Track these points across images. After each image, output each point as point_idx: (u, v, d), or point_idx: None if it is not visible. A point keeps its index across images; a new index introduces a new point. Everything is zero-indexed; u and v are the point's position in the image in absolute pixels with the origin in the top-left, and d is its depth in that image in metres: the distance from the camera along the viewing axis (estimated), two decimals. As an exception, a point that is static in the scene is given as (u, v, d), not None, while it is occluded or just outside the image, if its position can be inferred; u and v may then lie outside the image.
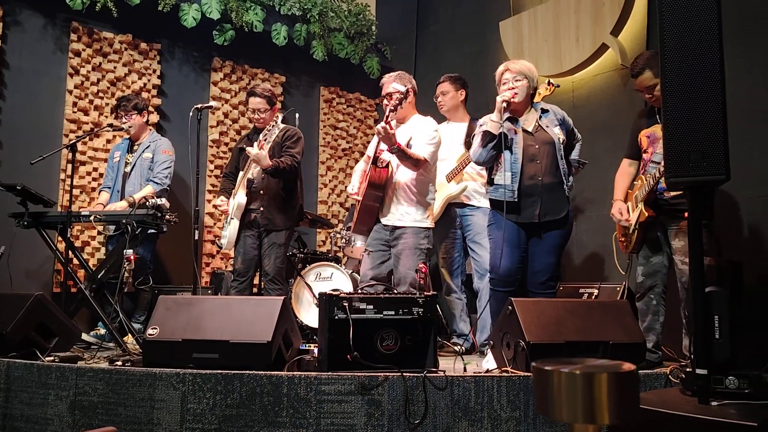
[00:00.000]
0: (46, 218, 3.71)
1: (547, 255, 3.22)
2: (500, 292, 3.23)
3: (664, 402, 2.00)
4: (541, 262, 3.22)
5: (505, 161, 3.22)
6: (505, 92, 3.23)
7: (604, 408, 0.88)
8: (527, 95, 3.29)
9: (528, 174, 3.19)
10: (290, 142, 4.00)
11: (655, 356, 3.14)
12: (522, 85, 3.26)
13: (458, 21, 5.85)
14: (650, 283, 3.23)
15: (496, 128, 3.19)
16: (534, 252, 3.25)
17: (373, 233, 3.71)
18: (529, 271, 3.27)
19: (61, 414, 2.64)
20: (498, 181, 3.25)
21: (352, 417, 2.48)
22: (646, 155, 3.27)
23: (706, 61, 2.03)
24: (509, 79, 3.29)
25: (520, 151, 3.21)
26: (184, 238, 4.29)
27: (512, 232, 3.21)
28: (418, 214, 3.60)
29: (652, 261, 3.24)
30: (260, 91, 4.05)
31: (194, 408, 2.51)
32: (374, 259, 3.66)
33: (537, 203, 3.17)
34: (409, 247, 3.54)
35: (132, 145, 4.55)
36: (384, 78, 3.81)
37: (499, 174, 3.26)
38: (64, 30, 4.81)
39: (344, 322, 2.61)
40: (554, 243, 3.23)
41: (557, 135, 3.23)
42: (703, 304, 2.10)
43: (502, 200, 3.18)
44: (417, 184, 3.61)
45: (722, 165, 2.01)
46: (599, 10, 4.53)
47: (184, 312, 2.80)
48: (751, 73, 3.63)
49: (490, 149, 3.23)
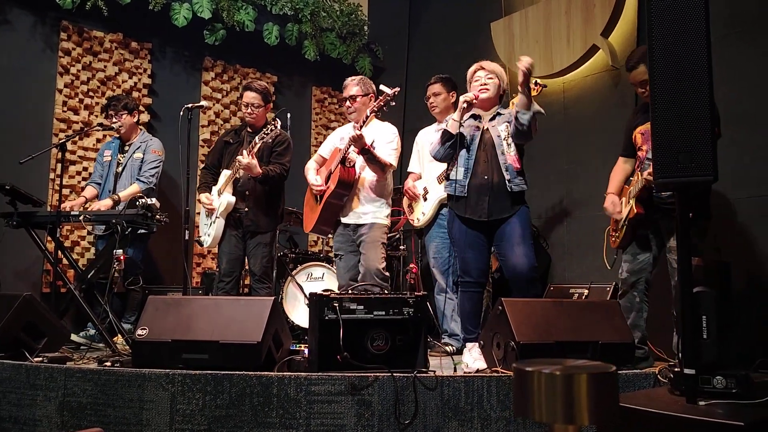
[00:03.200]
0: (35, 218, 3.68)
1: (517, 246, 3.12)
2: (474, 292, 3.23)
3: (652, 402, 2.01)
4: (515, 254, 3.11)
5: (460, 157, 3.26)
6: (468, 93, 3.26)
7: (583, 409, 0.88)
8: (497, 95, 3.33)
9: (477, 172, 3.20)
10: (281, 148, 4.01)
11: (641, 352, 3.16)
12: (493, 82, 3.30)
13: (450, 22, 5.86)
14: (634, 280, 3.25)
15: (454, 128, 3.22)
16: (501, 249, 3.18)
17: (338, 237, 3.84)
18: (506, 270, 3.18)
19: (50, 415, 2.62)
20: (452, 176, 3.28)
21: (342, 417, 2.48)
22: (641, 152, 3.28)
23: (694, 63, 2.05)
24: (481, 76, 3.32)
25: (475, 149, 3.24)
26: (175, 238, 4.28)
27: (472, 234, 3.20)
28: (378, 212, 3.76)
29: (638, 258, 3.26)
30: (256, 86, 4.06)
31: (183, 409, 2.50)
32: (347, 261, 3.80)
33: (485, 201, 3.17)
34: (372, 241, 3.70)
35: (123, 145, 4.53)
36: (346, 81, 3.91)
37: (454, 169, 3.29)
38: (54, 29, 4.78)
39: (334, 322, 2.61)
40: (518, 234, 3.14)
41: (499, 132, 3.22)
42: (691, 304, 2.11)
43: (453, 195, 3.23)
44: (377, 183, 3.75)
45: (710, 166, 2.02)
46: (590, 12, 4.55)
47: (174, 312, 2.80)
48: (740, 76, 3.66)
49: (447, 147, 3.26)
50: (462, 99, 3.22)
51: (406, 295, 2.75)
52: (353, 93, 3.81)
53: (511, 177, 3.16)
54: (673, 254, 3.13)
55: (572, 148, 4.64)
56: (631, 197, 3.19)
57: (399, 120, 5.60)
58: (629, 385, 2.63)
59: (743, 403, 1.97)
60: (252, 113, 4.02)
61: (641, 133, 3.28)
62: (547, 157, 4.65)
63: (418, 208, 4.10)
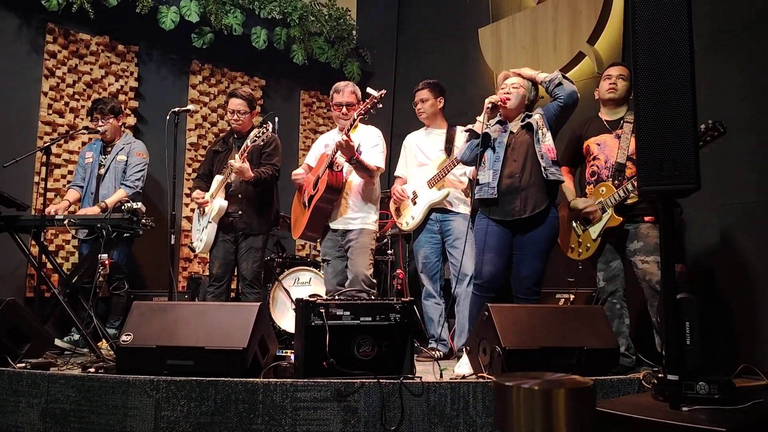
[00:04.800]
0: (19, 222, 3.64)
1: (534, 260, 3.22)
2: (482, 297, 3.24)
3: (635, 407, 2.02)
4: (529, 267, 3.23)
5: (488, 160, 3.31)
6: (494, 95, 3.32)
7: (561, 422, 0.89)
8: (521, 104, 3.35)
9: (507, 173, 3.23)
10: (270, 149, 4.00)
11: (629, 360, 3.19)
12: (518, 91, 3.33)
13: (438, 27, 5.88)
14: (611, 288, 3.30)
15: (480, 128, 3.28)
16: (519, 257, 3.25)
17: (326, 242, 3.85)
18: (515, 277, 3.27)
19: (33, 422, 2.59)
20: (482, 180, 3.32)
21: (327, 424, 2.48)
22: (597, 161, 3.34)
23: (678, 71, 2.08)
24: (508, 84, 3.36)
25: (502, 151, 3.27)
26: (160, 242, 4.25)
27: (496, 235, 3.24)
28: (366, 217, 3.78)
29: (611, 266, 3.32)
30: (242, 93, 4.05)
31: (168, 415, 2.48)
32: (335, 266, 3.82)
33: (516, 200, 3.20)
34: (361, 247, 3.72)
35: (105, 146, 4.49)
36: (340, 86, 3.90)
37: (482, 173, 3.33)
38: (40, 31, 4.74)
39: (321, 328, 2.60)
40: (540, 248, 3.23)
41: (535, 120, 3.25)
42: (674, 310, 2.13)
43: (484, 197, 3.27)
44: (365, 188, 3.77)
45: (693, 174, 2.05)
46: (576, 19, 4.59)
47: (159, 318, 2.78)
48: (725, 83, 3.70)
49: (473, 147, 3.31)
50: (487, 100, 3.29)
51: (392, 301, 2.75)
52: (350, 100, 3.81)
53: (546, 165, 3.20)
54: (638, 255, 3.17)
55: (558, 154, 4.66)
56: (609, 206, 3.24)
57: (387, 124, 5.61)
58: (614, 391, 2.64)
59: (726, 409, 1.99)
60: (238, 120, 4.01)
61: (597, 143, 3.34)
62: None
63: (406, 212, 4.09)
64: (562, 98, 3.20)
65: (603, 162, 3.33)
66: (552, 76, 3.23)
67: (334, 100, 3.89)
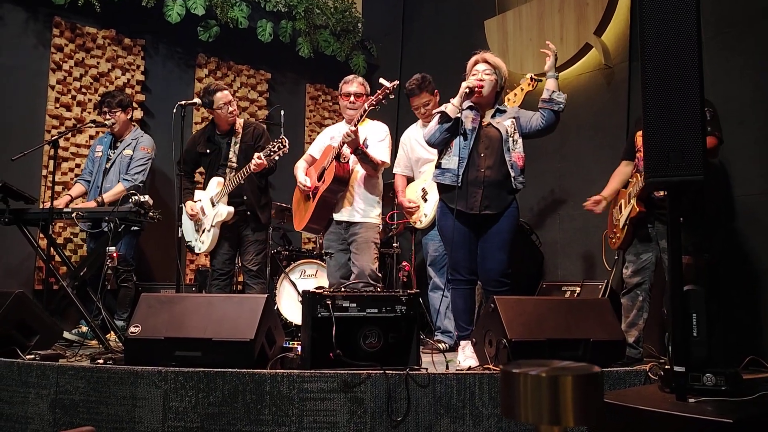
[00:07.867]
0: (27, 215, 3.67)
1: (499, 251, 3.17)
2: (464, 289, 3.24)
3: (642, 399, 2.03)
4: (494, 260, 3.17)
5: (456, 146, 3.20)
6: (471, 80, 3.23)
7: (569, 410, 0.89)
8: (493, 90, 3.29)
9: (474, 164, 3.17)
10: (262, 141, 4.03)
11: (636, 352, 3.18)
12: (490, 78, 3.26)
13: (444, 19, 5.86)
14: (638, 280, 3.28)
15: (454, 112, 3.17)
16: (484, 250, 3.21)
17: (329, 234, 3.83)
18: (482, 270, 3.22)
19: (42, 413, 2.62)
20: (445, 165, 3.24)
21: (334, 415, 2.49)
22: (640, 154, 3.31)
23: (685, 63, 2.07)
24: (479, 70, 3.28)
25: (472, 141, 3.20)
26: (168, 234, 4.27)
27: (462, 232, 3.18)
28: (370, 210, 3.76)
29: (642, 257, 3.28)
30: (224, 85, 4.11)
31: (176, 406, 2.50)
32: (338, 259, 3.80)
33: (478, 195, 3.15)
34: (365, 241, 3.71)
35: (115, 141, 4.51)
36: (348, 77, 3.91)
37: (447, 158, 3.24)
38: (46, 25, 4.75)
39: (327, 320, 2.61)
40: (504, 239, 3.18)
41: (506, 128, 3.21)
42: (681, 302, 2.13)
43: (447, 184, 3.20)
44: (368, 181, 3.76)
45: (700, 165, 2.04)
46: (583, 10, 4.56)
47: (167, 310, 2.80)
48: (729, 76, 3.68)
49: (443, 130, 3.21)
50: (464, 85, 3.19)
51: (398, 293, 2.75)
52: (359, 90, 3.82)
53: (515, 174, 3.18)
54: None
55: (565, 146, 4.66)
56: (632, 197, 3.23)
57: (393, 118, 5.60)
58: (620, 383, 2.65)
59: (733, 401, 1.99)
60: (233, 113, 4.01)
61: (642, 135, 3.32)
62: (539, 154, 4.66)
63: (419, 210, 4.08)
64: (549, 122, 3.19)
65: (643, 153, 3.30)
66: (559, 99, 3.18)
67: (342, 90, 3.88)
